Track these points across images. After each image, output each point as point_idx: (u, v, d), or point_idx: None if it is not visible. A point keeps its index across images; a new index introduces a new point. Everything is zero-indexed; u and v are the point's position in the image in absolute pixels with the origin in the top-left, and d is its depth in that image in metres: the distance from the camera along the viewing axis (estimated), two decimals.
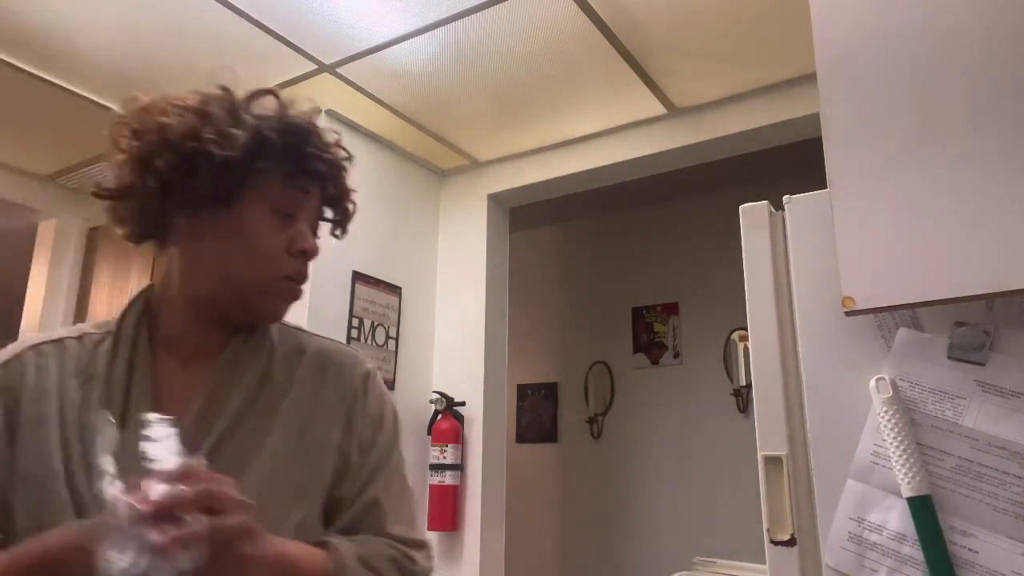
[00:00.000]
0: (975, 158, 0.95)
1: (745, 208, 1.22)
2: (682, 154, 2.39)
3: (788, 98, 2.16)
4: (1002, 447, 0.94)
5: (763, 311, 1.16)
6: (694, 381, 3.38)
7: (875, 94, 1.04)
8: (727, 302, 3.19)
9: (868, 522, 1.00)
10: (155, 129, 0.79)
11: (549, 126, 2.45)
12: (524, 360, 3.83)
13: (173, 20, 1.89)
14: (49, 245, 2.90)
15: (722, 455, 3.19)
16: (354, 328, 2.27)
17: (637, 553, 3.34)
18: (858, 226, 1.01)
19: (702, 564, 2.00)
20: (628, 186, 2.70)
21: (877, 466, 1.00)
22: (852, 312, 1.01)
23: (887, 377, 1.01)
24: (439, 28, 1.91)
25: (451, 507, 2.39)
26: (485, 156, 2.69)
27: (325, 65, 2.10)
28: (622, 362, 3.62)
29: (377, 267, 2.41)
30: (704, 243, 3.44)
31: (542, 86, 2.19)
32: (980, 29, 0.98)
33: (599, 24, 1.89)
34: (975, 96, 0.97)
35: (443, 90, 2.22)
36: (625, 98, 2.27)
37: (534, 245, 4.00)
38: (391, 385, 2.40)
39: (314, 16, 1.87)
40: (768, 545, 1.08)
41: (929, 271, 0.95)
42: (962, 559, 0.94)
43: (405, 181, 2.62)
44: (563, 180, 2.59)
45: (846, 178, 1.04)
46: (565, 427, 3.74)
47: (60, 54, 2.04)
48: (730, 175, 3.00)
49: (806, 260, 1.13)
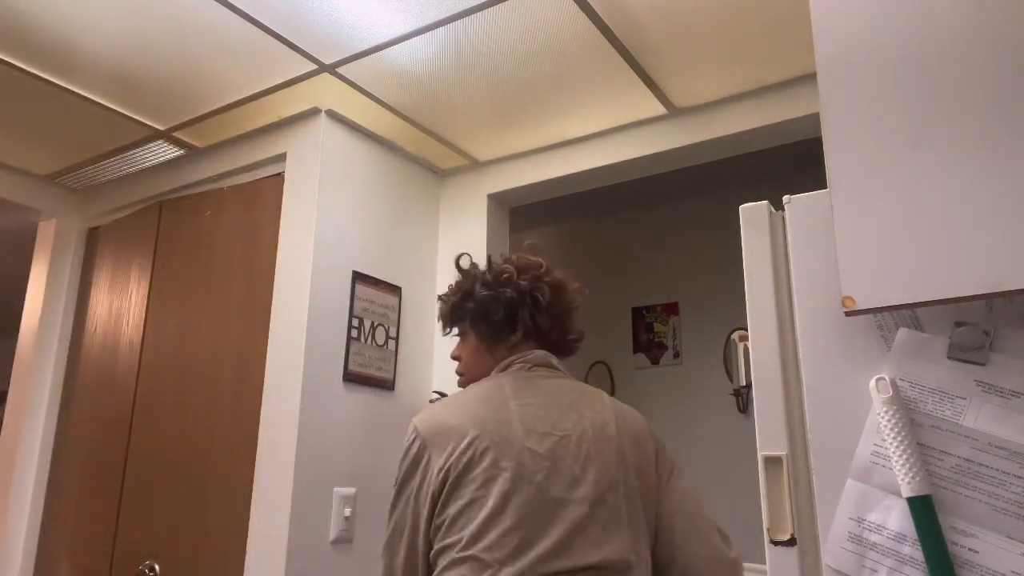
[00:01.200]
0: (976, 158, 0.95)
1: (745, 208, 1.22)
2: (682, 154, 2.39)
3: (788, 98, 2.16)
4: (1002, 447, 0.94)
5: (763, 311, 1.16)
6: (694, 381, 3.38)
7: (875, 94, 1.04)
8: (727, 302, 3.19)
9: (868, 522, 1.00)
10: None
11: (549, 126, 2.45)
12: None
13: (173, 20, 1.89)
14: (49, 245, 2.90)
15: (722, 455, 3.19)
16: (354, 328, 2.27)
17: None
18: (858, 226, 1.01)
19: None
20: (628, 186, 2.69)
21: (877, 466, 1.00)
22: (852, 312, 1.01)
23: (887, 377, 1.01)
24: (439, 28, 1.91)
25: None
26: (485, 156, 2.69)
27: (325, 65, 2.10)
28: (622, 362, 3.62)
29: (377, 267, 2.41)
30: (704, 243, 3.44)
31: (542, 86, 2.19)
32: (981, 28, 0.98)
33: (599, 24, 1.89)
34: (976, 96, 0.97)
35: (443, 90, 2.22)
36: (625, 98, 2.27)
37: None
38: (391, 385, 2.40)
39: (314, 16, 1.87)
40: (768, 545, 1.08)
41: (929, 271, 0.95)
42: (962, 559, 0.94)
43: (405, 181, 2.62)
44: (563, 180, 2.59)
45: (846, 178, 1.04)
46: None
47: (60, 54, 2.04)
48: (730, 175, 3.00)
49: (806, 260, 1.13)
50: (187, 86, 2.21)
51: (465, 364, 1.54)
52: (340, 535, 2.12)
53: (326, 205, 2.24)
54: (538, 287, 1.48)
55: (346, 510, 2.14)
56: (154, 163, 2.70)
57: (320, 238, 2.20)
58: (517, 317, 1.46)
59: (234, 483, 2.11)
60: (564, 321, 1.52)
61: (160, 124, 2.45)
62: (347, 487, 2.17)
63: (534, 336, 1.48)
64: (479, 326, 1.50)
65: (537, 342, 1.48)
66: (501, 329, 1.47)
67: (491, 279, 1.50)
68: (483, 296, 1.48)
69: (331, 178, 2.29)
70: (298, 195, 2.27)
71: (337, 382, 2.21)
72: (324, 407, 2.14)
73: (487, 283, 1.49)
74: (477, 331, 1.50)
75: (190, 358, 2.31)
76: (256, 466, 2.09)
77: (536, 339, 1.48)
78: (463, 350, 1.54)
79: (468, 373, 1.53)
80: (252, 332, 2.22)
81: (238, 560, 2.02)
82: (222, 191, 2.47)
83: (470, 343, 1.52)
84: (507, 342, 1.47)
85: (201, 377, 2.28)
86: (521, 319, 1.46)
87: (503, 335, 1.47)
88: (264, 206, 2.34)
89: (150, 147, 2.59)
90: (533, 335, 1.48)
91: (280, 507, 2.00)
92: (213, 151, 2.57)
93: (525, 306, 1.46)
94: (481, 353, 1.50)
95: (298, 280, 2.18)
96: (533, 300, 1.47)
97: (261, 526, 2.02)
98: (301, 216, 2.23)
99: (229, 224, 2.39)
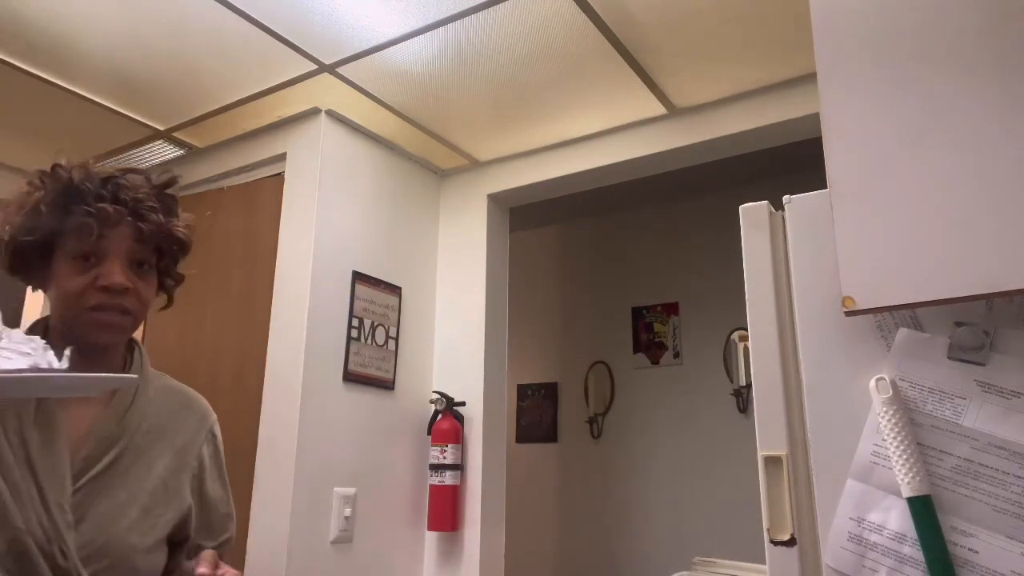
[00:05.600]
0: (975, 158, 0.95)
1: (745, 208, 1.22)
2: (682, 154, 2.39)
3: (788, 98, 2.16)
4: (1002, 447, 0.94)
5: (763, 311, 1.16)
6: (694, 381, 3.38)
7: (875, 93, 1.04)
8: (727, 302, 3.19)
9: (868, 522, 1.00)
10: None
11: (549, 126, 2.45)
12: (524, 360, 3.83)
13: (173, 20, 1.89)
14: None
15: (722, 455, 3.19)
16: (354, 328, 2.27)
17: (637, 553, 3.34)
18: (858, 226, 1.01)
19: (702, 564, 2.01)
20: (628, 186, 2.69)
21: (877, 466, 1.00)
22: (852, 312, 1.01)
23: (887, 377, 1.01)
24: (439, 28, 1.91)
25: (451, 507, 2.39)
26: (485, 156, 2.69)
27: (325, 65, 2.10)
28: (622, 362, 3.62)
29: (377, 267, 2.41)
30: (704, 243, 3.44)
31: (542, 86, 2.19)
32: (981, 29, 0.98)
33: (599, 24, 1.89)
34: (975, 95, 0.97)
35: (443, 90, 2.22)
36: (625, 98, 2.27)
37: (534, 245, 4.00)
38: (391, 385, 2.40)
39: (314, 16, 1.87)
40: (768, 545, 1.08)
41: (929, 271, 0.95)
42: (962, 559, 0.94)
43: (405, 181, 2.62)
44: (563, 180, 2.59)
45: (846, 178, 1.04)
46: (565, 427, 3.74)
47: (60, 54, 2.04)
48: (730, 175, 3.00)
49: (806, 260, 1.13)
50: (187, 86, 2.21)
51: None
52: (340, 535, 2.12)
53: (326, 205, 2.24)
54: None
55: (346, 510, 2.14)
56: (154, 163, 2.70)
57: (320, 238, 2.20)
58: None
59: (234, 483, 2.10)
60: None
61: (160, 124, 2.45)
62: (347, 487, 2.17)
63: None
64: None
65: None
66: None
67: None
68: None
69: (331, 178, 2.29)
70: (298, 195, 2.27)
71: (337, 382, 2.21)
72: (324, 407, 2.14)
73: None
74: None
75: (190, 358, 2.31)
76: (256, 466, 2.09)
77: None
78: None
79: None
80: (252, 332, 2.21)
81: (238, 560, 2.02)
82: (222, 191, 2.47)
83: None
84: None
85: (201, 377, 2.27)
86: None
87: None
88: (264, 206, 2.34)
89: (150, 147, 2.59)
90: None
91: (280, 507, 2.00)
92: (213, 151, 2.57)
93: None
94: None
95: (298, 280, 2.18)
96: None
97: (261, 525, 2.02)
98: (301, 216, 2.23)
99: (229, 224, 2.39)
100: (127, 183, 1.04)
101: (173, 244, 1.10)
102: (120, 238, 1.02)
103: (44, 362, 0.82)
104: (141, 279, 1.05)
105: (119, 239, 1.02)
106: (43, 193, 1.03)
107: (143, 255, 1.05)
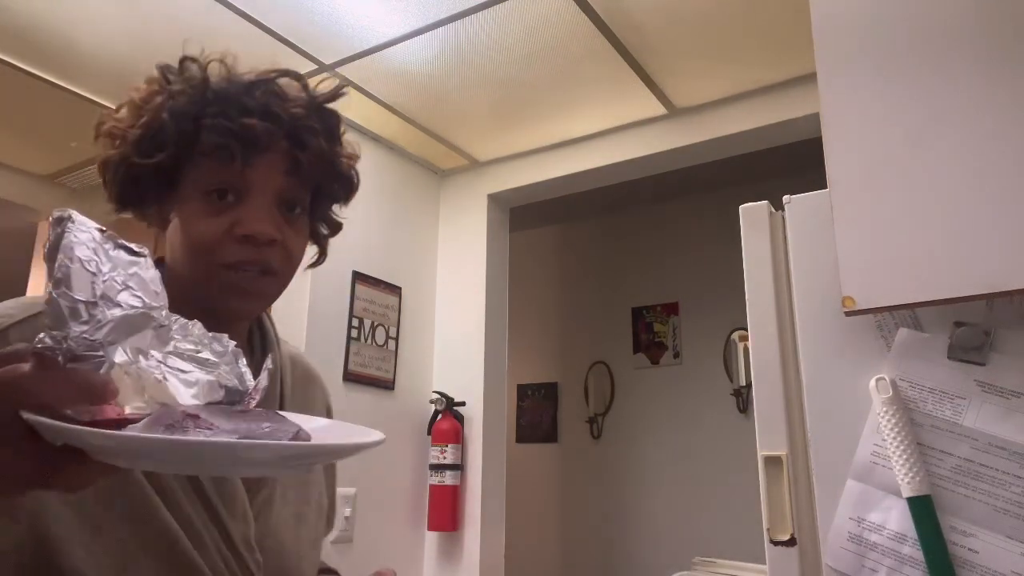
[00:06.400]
0: (976, 157, 0.95)
1: (745, 208, 1.22)
2: (682, 154, 2.39)
3: (788, 98, 2.16)
4: (1002, 447, 0.94)
5: (763, 311, 1.16)
6: (694, 381, 3.38)
7: (875, 93, 1.04)
8: (727, 302, 3.19)
9: (868, 522, 1.00)
10: (104, 134, 0.79)
11: (549, 126, 2.45)
12: (524, 360, 3.83)
13: (173, 20, 1.88)
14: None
15: (722, 455, 3.19)
16: (354, 328, 2.27)
17: (637, 553, 3.34)
18: (858, 226, 1.01)
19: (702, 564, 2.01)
20: (628, 186, 2.69)
21: (877, 466, 1.00)
22: (852, 312, 1.01)
23: (887, 377, 1.01)
24: (439, 28, 1.91)
25: (451, 507, 2.39)
26: (485, 156, 2.68)
27: (325, 65, 2.09)
28: (622, 362, 3.62)
29: (377, 267, 2.41)
30: (704, 243, 3.44)
31: (542, 86, 2.19)
32: (981, 28, 0.98)
33: (599, 24, 1.89)
34: (975, 95, 0.97)
35: (443, 90, 2.22)
36: (625, 98, 2.27)
37: (534, 245, 4.00)
38: (391, 385, 2.40)
39: (314, 16, 1.87)
40: (768, 545, 1.08)
41: (929, 271, 0.95)
42: (962, 559, 0.94)
43: (405, 181, 2.62)
44: (563, 180, 2.59)
45: (846, 178, 1.04)
46: (565, 427, 3.74)
47: (60, 54, 2.04)
48: (730, 175, 3.00)
49: (806, 260, 1.13)
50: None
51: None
52: (340, 535, 2.12)
53: None
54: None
55: (346, 510, 2.14)
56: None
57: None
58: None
59: None
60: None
61: None
62: (347, 487, 2.17)
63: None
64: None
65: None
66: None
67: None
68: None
69: None
70: None
71: (337, 382, 2.21)
72: None
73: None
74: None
75: None
76: None
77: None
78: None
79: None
80: None
81: None
82: None
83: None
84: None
85: None
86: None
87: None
88: None
89: None
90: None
91: None
92: None
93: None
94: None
95: (298, 280, 2.17)
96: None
97: None
98: None
99: None
100: (281, 93, 0.76)
101: (335, 181, 0.84)
102: (269, 169, 0.73)
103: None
104: (291, 226, 0.76)
105: (268, 170, 0.73)
106: (166, 97, 0.77)
107: (296, 194, 0.77)
